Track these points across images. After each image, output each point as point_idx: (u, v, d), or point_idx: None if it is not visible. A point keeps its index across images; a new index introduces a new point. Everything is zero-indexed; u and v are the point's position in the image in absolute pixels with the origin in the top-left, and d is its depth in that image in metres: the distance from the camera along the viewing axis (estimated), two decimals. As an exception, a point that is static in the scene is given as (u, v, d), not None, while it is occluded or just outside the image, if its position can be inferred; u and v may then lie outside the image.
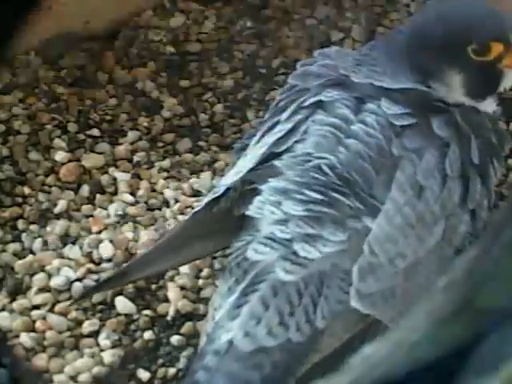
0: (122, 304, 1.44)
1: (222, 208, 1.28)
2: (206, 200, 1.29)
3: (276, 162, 1.24)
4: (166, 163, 1.65)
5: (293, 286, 1.18)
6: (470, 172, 1.25)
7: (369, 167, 1.21)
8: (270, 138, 1.27)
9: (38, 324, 1.42)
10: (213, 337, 1.17)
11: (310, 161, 1.23)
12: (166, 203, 1.59)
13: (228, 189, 1.27)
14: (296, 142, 1.26)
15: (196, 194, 1.60)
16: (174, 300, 1.45)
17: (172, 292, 1.46)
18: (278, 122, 1.29)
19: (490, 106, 1.36)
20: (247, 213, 1.24)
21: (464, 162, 1.24)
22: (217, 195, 1.28)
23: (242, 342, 1.14)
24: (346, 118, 1.25)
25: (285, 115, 1.29)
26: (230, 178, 1.28)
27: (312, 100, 1.29)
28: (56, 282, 1.46)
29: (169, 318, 1.44)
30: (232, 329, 1.15)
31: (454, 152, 1.23)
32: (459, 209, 1.23)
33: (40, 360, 1.38)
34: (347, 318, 1.18)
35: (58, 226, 1.53)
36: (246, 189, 1.26)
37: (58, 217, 1.56)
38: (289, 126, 1.27)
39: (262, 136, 1.30)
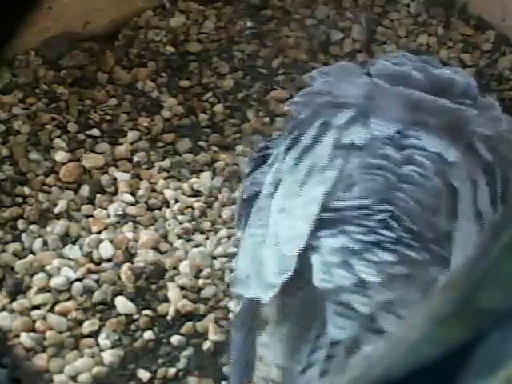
0: (122, 304, 1.44)
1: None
2: (279, 281, 1.10)
3: (327, 215, 1.11)
4: (166, 163, 1.65)
5: None
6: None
7: (428, 212, 1.13)
8: (316, 191, 1.12)
9: (38, 324, 1.42)
10: None
11: (370, 214, 1.11)
12: (166, 203, 1.59)
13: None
14: (342, 189, 1.13)
15: (196, 194, 1.60)
16: (174, 300, 1.45)
17: (172, 292, 1.46)
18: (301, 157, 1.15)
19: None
20: (315, 282, 1.08)
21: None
22: (290, 274, 1.09)
23: None
24: (392, 157, 1.14)
25: (324, 160, 1.14)
26: (291, 246, 1.10)
27: (345, 138, 1.15)
28: (56, 281, 1.46)
29: (169, 317, 1.43)
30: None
31: (498, 175, 1.17)
32: None
33: (40, 360, 1.38)
34: None
35: (58, 226, 1.53)
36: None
37: (58, 217, 1.56)
38: (332, 173, 1.13)
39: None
